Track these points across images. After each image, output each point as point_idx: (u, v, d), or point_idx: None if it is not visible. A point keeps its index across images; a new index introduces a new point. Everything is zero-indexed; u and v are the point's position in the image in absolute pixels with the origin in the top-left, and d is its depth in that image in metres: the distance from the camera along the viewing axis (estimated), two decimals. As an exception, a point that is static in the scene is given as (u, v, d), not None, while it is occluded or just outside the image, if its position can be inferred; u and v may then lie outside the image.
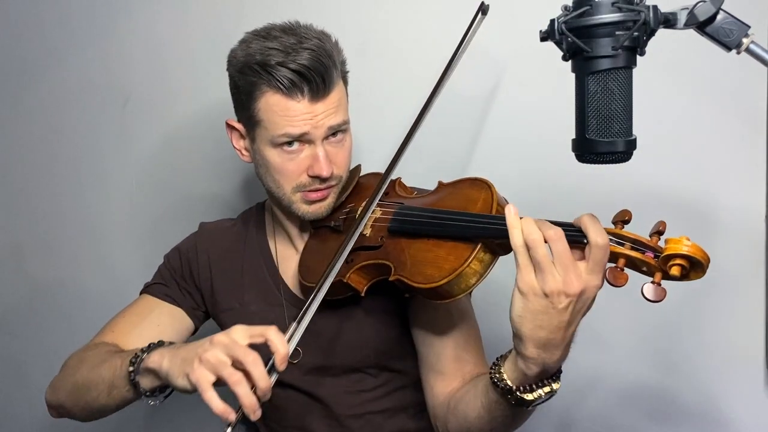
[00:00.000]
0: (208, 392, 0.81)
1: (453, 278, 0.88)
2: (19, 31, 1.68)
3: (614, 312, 1.41)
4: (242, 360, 0.81)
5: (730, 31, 0.71)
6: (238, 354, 0.81)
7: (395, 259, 0.96)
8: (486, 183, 0.97)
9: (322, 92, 1.01)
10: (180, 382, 0.86)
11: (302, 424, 1.15)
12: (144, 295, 1.20)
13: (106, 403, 1.00)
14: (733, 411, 1.36)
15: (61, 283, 1.74)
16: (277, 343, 0.83)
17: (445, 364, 1.04)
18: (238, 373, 0.81)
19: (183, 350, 0.89)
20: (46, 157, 1.71)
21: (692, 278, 0.79)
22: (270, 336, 0.83)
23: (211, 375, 0.81)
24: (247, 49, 1.03)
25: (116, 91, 1.65)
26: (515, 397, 0.84)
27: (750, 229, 1.31)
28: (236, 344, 0.82)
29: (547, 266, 0.77)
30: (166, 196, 1.66)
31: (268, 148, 1.05)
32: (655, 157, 1.22)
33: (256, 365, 0.81)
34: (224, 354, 0.82)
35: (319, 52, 1.00)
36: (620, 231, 0.81)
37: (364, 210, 1.02)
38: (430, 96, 1.08)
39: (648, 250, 0.79)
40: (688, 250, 0.77)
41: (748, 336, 1.33)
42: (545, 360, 0.80)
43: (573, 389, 1.46)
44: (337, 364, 1.12)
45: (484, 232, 0.87)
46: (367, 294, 1.01)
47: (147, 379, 0.93)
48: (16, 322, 1.79)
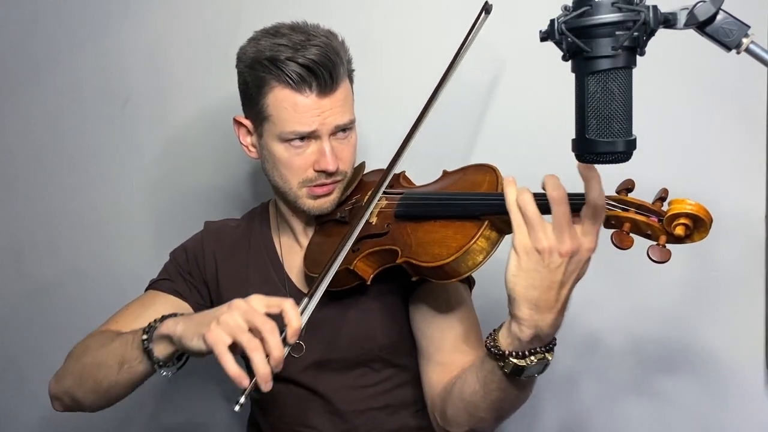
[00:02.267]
0: (224, 354, 0.81)
1: (460, 255, 0.89)
2: (19, 31, 1.68)
3: (614, 312, 1.41)
4: (260, 327, 0.82)
5: (730, 31, 0.71)
6: (257, 321, 0.82)
7: (402, 243, 0.98)
8: (491, 167, 1.00)
9: (330, 88, 1.04)
10: (195, 343, 0.86)
11: (304, 419, 1.16)
12: (149, 291, 1.20)
13: (116, 380, 0.99)
14: (733, 411, 1.36)
15: (61, 283, 1.74)
16: (292, 315, 0.84)
17: (444, 356, 1.04)
18: (256, 339, 0.82)
19: (199, 316, 0.90)
20: (46, 157, 1.71)
21: (696, 239, 0.81)
22: (286, 307, 0.85)
23: (227, 337, 0.82)
24: (256, 45, 1.06)
25: (116, 91, 1.65)
26: (508, 364, 0.85)
27: (750, 229, 1.31)
28: (255, 311, 0.83)
29: (538, 224, 0.79)
30: (166, 196, 1.66)
31: (276, 143, 1.07)
32: (655, 157, 1.22)
33: (273, 334, 0.82)
34: (242, 319, 0.82)
35: (326, 48, 1.03)
36: (624, 197, 0.84)
37: (371, 198, 1.04)
38: (433, 94, 1.09)
39: (652, 215, 0.81)
40: (691, 209, 0.79)
41: (748, 336, 1.33)
42: (537, 322, 0.81)
43: (571, 406, 1.46)
44: (339, 358, 1.13)
45: (489, 209, 0.89)
46: (373, 282, 1.03)
47: (161, 346, 0.93)
48: (16, 322, 1.79)
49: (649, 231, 0.82)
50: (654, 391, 1.41)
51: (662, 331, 1.39)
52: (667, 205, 0.81)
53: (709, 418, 1.38)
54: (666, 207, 0.81)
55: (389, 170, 1.06)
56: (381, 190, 1.05)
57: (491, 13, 1.13)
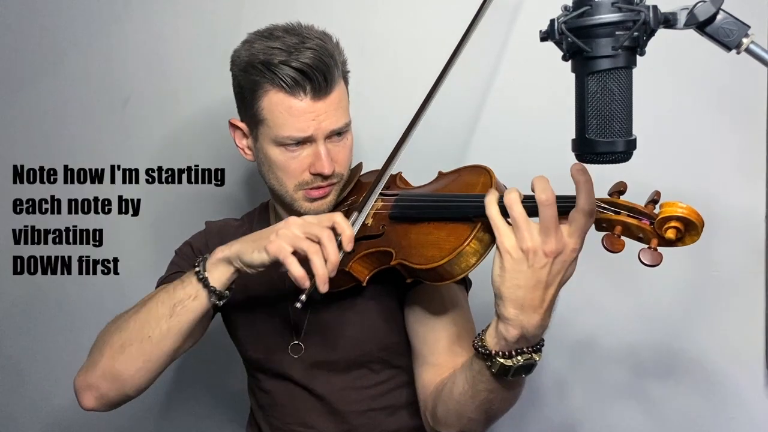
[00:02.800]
0: (288, 258, 0.89)
1: (453, 257, 0.89)
2: (19, 31, 1.68)
3: (614, 312, 1.41)
4: (318, 234, 0.90)
5: (730, 31, 0.71)
6: (315, 230, 0.90)
7: (396, 244, 0.98)
8: (485, 168, 0.99)
9: (324, 91, 1.03)
10: (256, 255, 0.92)
11: (304, 420, 1.16)
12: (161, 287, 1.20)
13: (168, 328, 0.97)
14: (733, 411, 1.36)
15: (62, 283, 1.74)
16: (344, 225, 0.92)
17: (437, 357, 1.04)
18: (315, 245, 0.90)
19: (252, 235, 0.97)
20: (46, 157, 1.71)
21: (687, 242, 0.80)
22: (337, 219, 0.92)
23: (288, 246, 0.90)
24: (250, 48, 1.05)
25: (116, 91, 1.65)
26: (495, 364, 0.85)
27: (750, 229, 1.31)
28: (311, 224, 0.92)
29: (523, 224, 0.80)
30: (166, 196, 1.66)
31: (271, 146, 1.07)
32: (655, 157, 1.22)
33: (331, 240, 0.90)
34: (300, 231, 0.91)
35: (321, 51, 1.02)
36: (616, 200, 0.83)
37: (366, 197, 1.04)
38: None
39: (644, 218, 0.81)
40: (682, 212, 0.78)
41: (748, 336, 1.33)
42: (523, 322, 0.81)
43: (571, 405, 1.46)
44: (339, 358, 1.13)
45: (482, 211, 0.89)
46: (368, 284, 1.02)
47: (217, 273, 0.97)
48: (16, 322, 1.79)
49: (641, 234, 0.81)
50: (654, 391, 1.41)
51: (662, 331, 1.39)
52: (659, 207, 0.81)
53: (709, 418, 1.38)
54: (658, 210, 0.80)
55: (384, 172, 1.06)
56: (377, 190, 1.05)
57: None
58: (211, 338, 1.18)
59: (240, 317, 1.19)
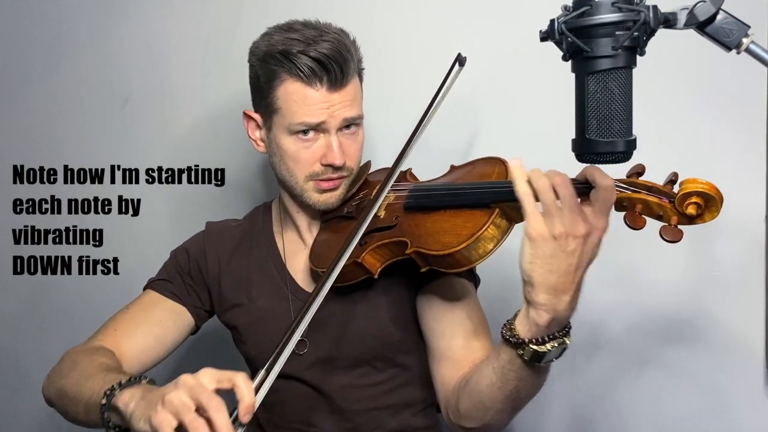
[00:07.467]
0: None
1: (471, 243, 0.89)
2: (19, 31, 1.68)
3: (614, 312, 1.41)
4: (206, 405, 0.77)
5: (730, 31, 0.71)
6: (203, 398, 0.77)
7: (411, 234, 0.98)
8: (500, 159, 1.01)
9: (340, 82, 1.05)
10: (141, 425, 0.81)
11: (306, 418, 1.15)
12: (148, 291, 1.20)
13: (85, 420, 0.98)
14: (733, 411, 1.36)
15: (61, 283, 1.73)
16: (244, 390, 0.79)
17: (456, 352, 1.04)
18: (200, 419, 0.76)
19: (151, 394, 0.84)
20: (46, 157, 1.71)
21: (707, 218, 0.82)
22: (238, 382, 0.79)
23: (173, 419, 0.77)
24: (269, 40, 1.08)
25: (116, 91, 1.65)
26: (528, 351, 0.85)
27: (750, 229, 1.31)
28: (202, 388, 0.78)
29: (554, 210, 0.80)
30: (166, 196, 1.66)
31: (284, 135, 1.08)
32: (655, 157, 1.22)
33: (219, 412, 0.76)
34: (188, 397, 0.77)
35: (338, 44, 1.05)
36: (635, 180, 0.85)
37: (378, 192, 1.04)
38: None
39: (663, 196, 0.82)
40: (703, 187, 0.80)
41: (748, 336, 1.33)
42: (555, 306, 0.82)
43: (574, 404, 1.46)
44: (344, 355, 1.12)
45: (499, 197, 0.90)
46: (380, 277, 1.02)
47: (115, 416, 0.89)
48: (16, 322, 1.79)
49: (661, 212, 0.83)
50: (654, 391, 1.41)
51: (662, 331, 1.39)
52: (678, 186, 0.82)
53: (709, 418, 1.38)
54: (677, 188, 0.82)
55: (397, 163, 1.06)
56: (390, 182, 1.05)
57: (465, 65, 1.12)
58: (211, 336, 1.18)
59: (243, 318, 1.19)
